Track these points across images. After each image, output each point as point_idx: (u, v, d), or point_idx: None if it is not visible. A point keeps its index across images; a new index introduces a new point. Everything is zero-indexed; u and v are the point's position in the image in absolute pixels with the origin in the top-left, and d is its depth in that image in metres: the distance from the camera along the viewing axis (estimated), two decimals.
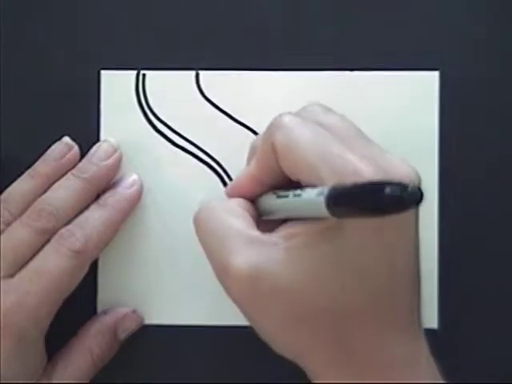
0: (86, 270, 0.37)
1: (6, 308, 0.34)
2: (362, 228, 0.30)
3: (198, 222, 0.34)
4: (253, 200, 0.35)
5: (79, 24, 0.40)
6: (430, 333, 0.32)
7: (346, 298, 0.30)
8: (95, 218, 0.37)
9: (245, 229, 0.32)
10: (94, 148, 0.39)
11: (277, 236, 0.32)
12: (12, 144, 0.40)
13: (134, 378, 0.39)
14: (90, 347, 0.38)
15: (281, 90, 0.40)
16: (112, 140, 0.39)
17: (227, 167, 0.40)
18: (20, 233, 0.36)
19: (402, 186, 0.25)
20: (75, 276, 0.36)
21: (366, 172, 0.30)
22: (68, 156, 0.39)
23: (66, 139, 0.39)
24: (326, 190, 0.28)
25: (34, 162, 0.39)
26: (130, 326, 0.39)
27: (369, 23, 0.39)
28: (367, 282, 0.30)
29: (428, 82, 0.39)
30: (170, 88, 0.40)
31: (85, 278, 0.37)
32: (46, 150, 0.39)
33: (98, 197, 0.38)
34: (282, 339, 0.32)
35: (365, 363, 0.31)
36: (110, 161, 0.38)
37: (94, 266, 0.39)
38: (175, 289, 0.39)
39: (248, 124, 0.40)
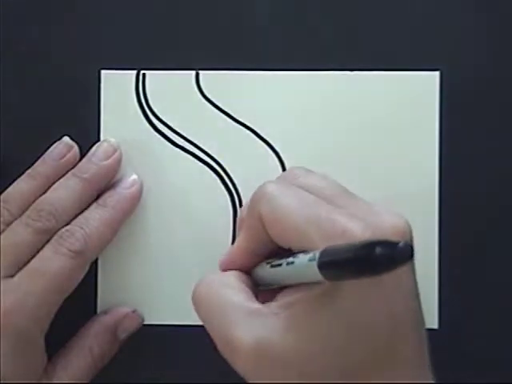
0: (86, 270, 0.37)
1: (6, 308, 0.34)
2: (359, 285, 0.30)
3: (196, 298, 0.34)
4: (248, 271, 0.35)
5: (79, 24, 0.40)
6: (430, 333, 0.32)
7: (350, 354, 0.30)
8: (95, 218, 0.37)
9: (244, 301, 0.32)
10: (94, 148, 0.39)
11: (276, 306, 0.31)
12: (12, 144, 0.40)
13: (134, 378, 0.39)
14: (90, 347, 0.38)
15: (281, 90, 0.40)
16: (112, 140, 0.39)
17: (227, 167, 0.40)
18: (20, 233, 0.36)
19: (392, 245, 0.25)
20: (75, 276, 0.36)
21: (356, 231, 0.29)
22: (68, 156, 0.39)
23: (66, 139, 0.39)
24: (317, 254, 0.28)
25: (34, 162, 0.39)
26: (130, 326, 0.39)
27: (369, 23, 0.39)
28: (369, 336, 0.30)
29: (428, 81, 0.39)
30: (170, 88, 0.40)
31: (85, 278, 0.37)
32: (46, 150, 0.39)
33: (98, 197, 0.38)
34: None
35: None
36: (110, 161, 0.38)
37: (94, 266, 0.39)
38: (175, 289, 0.39)
39: (248, 124, 0.40)
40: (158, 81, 0.40)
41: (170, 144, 0.40)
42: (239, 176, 0.40)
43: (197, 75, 0.40)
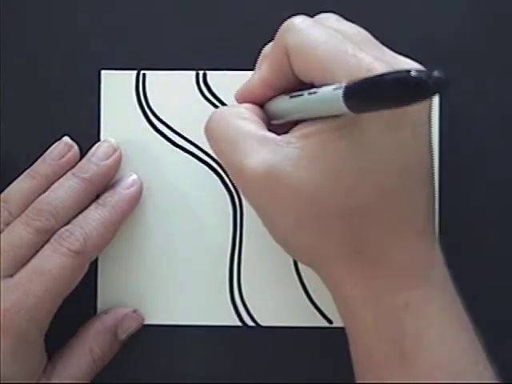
0: (85, 269, 0.37)
1: (6, 308, 0.34)
2: (377, 125, 0.30)
3: (209, 130, 0.34)
4: (262, 106, 0.35)
5: (79, 24, 0.40)
6: None
7: (360, 193, 0.31)
8: (95, 217, 0.37)
9: (256, 130, 0.33)
10: (94, 148, 0.39)
11: (290, 136, 0.32)
12: (12, 144, 0.40)
13: (134, 378, 0.39)
14: (90, 347, 0.38)
15: None
16: (112, 140, 0.39)
17: None
18: (19, 232, 0.36)
19: (427, 72, 0.25)
20: (75, 276, 0.36)
21: (381, 70, 0.30)
22: (68, 156, 0.39)
23: (66, 139, 0.39)
24: (343, 84, 0.28)
25: (34, 162, 0.39)
26: (131, 326, 0.39)
27: (368, 23, 0.39)
28: (381, 178, 0.31)
29: None
30: (170, 88, 0.40)
31: (85, 278, 0.37)
32: (46, 150, 0.39)
33: (97, 197, 0.38)
34: (297, 239, 0.33)
35: (377, 261, 0.31)
36: (110, 161, 0.38)
37: (93, 266, 0.39)
38: (175, 289, 0.39)
39: None
40: (158, 81, 0.40)
41: (170, 144, 0.40)
42: None
43: (197, 75, 0.40)
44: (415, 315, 0.31)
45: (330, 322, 0.39)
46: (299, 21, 0.33)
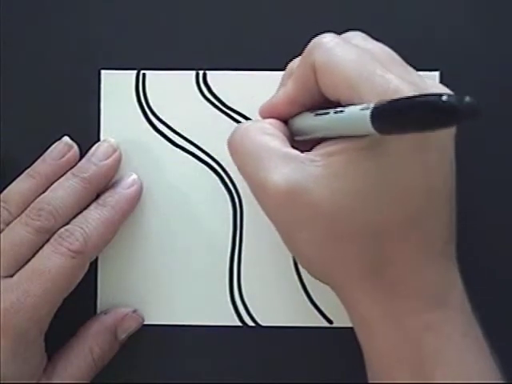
0: (85, 269, 0.37)
1: (6, 308, 0.34)
2: (402, 148, 0.30)
3: (233, 144, 0.34)
4: (286, 122, 0.35)
5: (79, 24, 0.40)
6: None
7: (383, 215, 0.31)
8: (94, 217, 0.37)
9: (280, 147, 0.33)
10: (94, 148, 0.39)
11: (314, 154, 0.32)
12: (12, 144, 0.40)
13: (134, 378, 0.39)
14: (90, 347, 0.38)
15: None
16: (112, 140, 0.39)
17: (227, 167, 0.40)
18: (19, 232, 0.36)
19: (458, 97, 0.24)
20: (74, 275, 0.36)
21: (408, 92, 0.29)
22: (68, 156, 0.39)
23: (66, 139, 0.39)
24: (371, 104, 0.28)
25: (34, 162, 0.39)
26: (131, 326, 0.39)
27: (369, 23, 0.39)
28: (404, 200, 0.31)
29: None
30: (170, 88, 0.40)
31: (85, 278, 0.37)
32: (46, 149, 0.39)
33: (97, 197, 0.38)
34: (315, 256, 0.33)
35: (397, 283, 0.31)
36: (110, 161, 0.38)
37: (93, 266, 0.39)
38: (175, 289, 0.39)
39: None
40: (158, 81, 0.40)
41: (170, 144, 0.40)
42: (239, 176, 0.39)
43: (197, 75, 0.40)
44: (435, 337, 0.31)
45: (330, 322, 0.39)
46: (328, 39, 0.33)
